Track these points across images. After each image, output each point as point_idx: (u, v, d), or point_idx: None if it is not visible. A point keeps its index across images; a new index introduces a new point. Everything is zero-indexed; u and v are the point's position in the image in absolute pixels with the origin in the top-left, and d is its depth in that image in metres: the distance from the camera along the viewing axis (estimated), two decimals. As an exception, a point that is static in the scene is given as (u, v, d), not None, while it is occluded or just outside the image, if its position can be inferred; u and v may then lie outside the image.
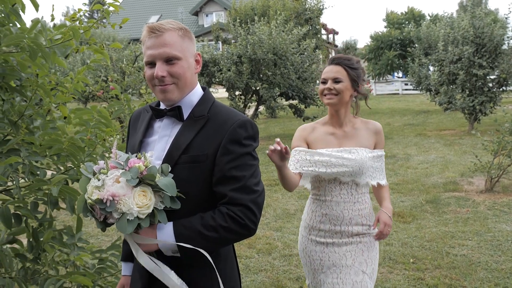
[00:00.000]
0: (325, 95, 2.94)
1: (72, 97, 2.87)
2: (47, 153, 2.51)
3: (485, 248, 5.61)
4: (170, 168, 1.85)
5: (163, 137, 1.98)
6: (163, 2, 43.90)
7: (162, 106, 2.02)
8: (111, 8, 2.67)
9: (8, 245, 2.62)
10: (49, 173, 2.59)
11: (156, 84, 1.92)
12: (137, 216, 1.73)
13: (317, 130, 3.08)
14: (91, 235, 6.39)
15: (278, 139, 2.52)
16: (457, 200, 7.65)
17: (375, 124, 3.08)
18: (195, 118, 1.95)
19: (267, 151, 2.55)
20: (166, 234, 1.84)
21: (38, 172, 2.44)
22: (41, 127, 2.56)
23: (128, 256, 2.24)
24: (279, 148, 2.51)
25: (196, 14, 40.90)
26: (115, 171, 1.78)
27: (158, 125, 2.01)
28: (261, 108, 16.90)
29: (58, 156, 2.56)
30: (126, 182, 1.74)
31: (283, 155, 2.58)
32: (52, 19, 2.75)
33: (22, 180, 2.46)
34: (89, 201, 1.73)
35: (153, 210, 1.76)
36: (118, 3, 2.72)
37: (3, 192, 2.58)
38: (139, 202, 1.73)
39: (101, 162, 1.83)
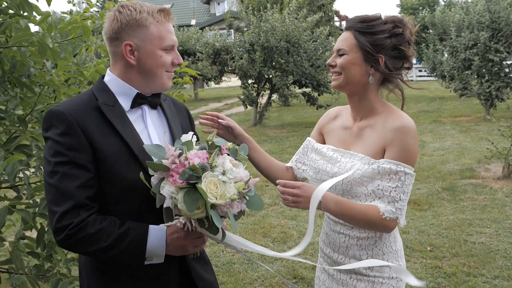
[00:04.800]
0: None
1: (88, 87, 2.86)
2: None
3: (503, 235, 5.53)
4: None
5: (158, 123, 1.97)
6: (175, -10, 43.82)
7: (126, 97, 1.87)
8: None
9: (22, 241, 2.61)
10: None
11: (169, 71, 1.89)
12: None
13: (338, 120, 2.26)
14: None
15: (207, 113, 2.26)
16: (474, 187, 7.55)
17: (396, 120, 2.03)
18: (162, 101, 2.01)
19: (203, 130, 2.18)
20: None
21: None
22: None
23: None
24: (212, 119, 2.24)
25: (207, 2, 40.79)
26: (221, 158, 1.70)
27: (136, 115, 1.90)
28: (274, 96, 16.82)
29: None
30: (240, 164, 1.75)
31: (226, 126, 2.24)
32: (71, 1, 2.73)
33: (33, 176, 2.44)
34: (233, 197, 1.63)
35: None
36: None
37: (13, 189, 2.56)
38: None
39: (192, 158, 1.67)
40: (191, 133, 1.82)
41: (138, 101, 1.88)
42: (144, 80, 1.86)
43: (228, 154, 1.76)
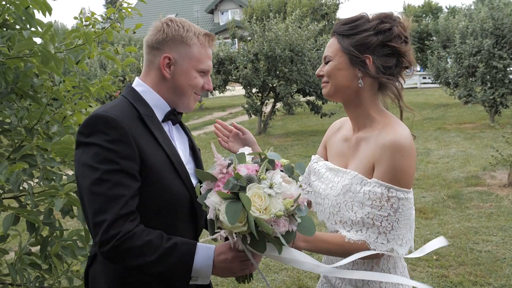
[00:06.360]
0: None
1: (94, 103, 2.88)
2: (66, 159, 2.49)
3: (510, 243, 5.50)
4: None
5: (180, 139, 2.00)
6: (179, 0, 44.00)
7: (159, 110, 1.90)
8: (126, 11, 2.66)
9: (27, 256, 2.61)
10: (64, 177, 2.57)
11: (197, 93, 1.92)
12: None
13: (341, 131, 2.10)
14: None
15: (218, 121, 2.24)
16: (480, 194, 7.52)
17: (389, 134, 1.81)
18: None
19: (218, 139, 2.20)
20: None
21: (54, 178, 2.42)
22: (59, 133, 2.54)
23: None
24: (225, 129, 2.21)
25: (211, 12, 40.95)
26: (272, 172, 1.60)
27: (166, 129, 1.92)
28: (278, 105, 16.82)
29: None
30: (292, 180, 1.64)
31: (241, 137, 2.19)
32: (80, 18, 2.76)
33: (37, 186, 2.44)
34: (279, 213, 1.51)
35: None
36: (132, 5, 2.71)
37: (15, 200, 2.56)
38: None
39: (239, 168, 1.60)
40: (248, 148, 1.80)
41: (169, 117, 1.91)
42: (173, 96, 1.89)
43: (282, 171, 1.65)
